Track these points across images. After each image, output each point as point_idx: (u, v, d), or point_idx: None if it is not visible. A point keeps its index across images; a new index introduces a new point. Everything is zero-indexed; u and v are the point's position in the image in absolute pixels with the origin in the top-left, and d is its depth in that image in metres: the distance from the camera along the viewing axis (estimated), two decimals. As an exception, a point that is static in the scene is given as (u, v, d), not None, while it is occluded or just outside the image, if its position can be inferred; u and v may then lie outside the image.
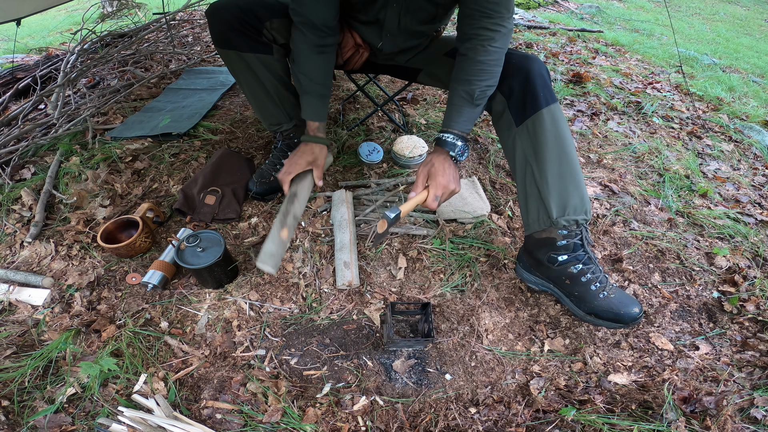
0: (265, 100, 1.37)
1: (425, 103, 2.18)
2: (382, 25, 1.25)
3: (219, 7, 1.20)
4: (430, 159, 1.11)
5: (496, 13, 1.04)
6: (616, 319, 1.11)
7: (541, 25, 3.76)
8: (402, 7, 1.19)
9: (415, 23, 1.24)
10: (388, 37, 1.28)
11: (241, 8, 1.19)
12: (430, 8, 1.19)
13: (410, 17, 1.21)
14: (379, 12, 1.21)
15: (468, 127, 1.13)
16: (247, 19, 1.20)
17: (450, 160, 1.11)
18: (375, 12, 1.21)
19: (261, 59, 1.27)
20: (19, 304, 1.22)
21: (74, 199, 1.51)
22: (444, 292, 1.25)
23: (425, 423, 0.97)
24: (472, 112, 1.12)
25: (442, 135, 1.13)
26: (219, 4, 1.21)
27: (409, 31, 1.26)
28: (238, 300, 1.22)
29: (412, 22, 1.23)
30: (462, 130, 1.12)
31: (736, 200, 1.67)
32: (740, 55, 4.00)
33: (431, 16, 1.22)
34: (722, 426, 0.92)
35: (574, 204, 1.07)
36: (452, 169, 1.10)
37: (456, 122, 1.12)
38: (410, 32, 1.27)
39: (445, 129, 1.13)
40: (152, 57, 2.68)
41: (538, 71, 1.06)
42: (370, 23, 1.26)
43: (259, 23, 1.21)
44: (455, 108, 1.12)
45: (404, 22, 1.23)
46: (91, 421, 0.97)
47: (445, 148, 1.11)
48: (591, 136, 2.00)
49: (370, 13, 1.22)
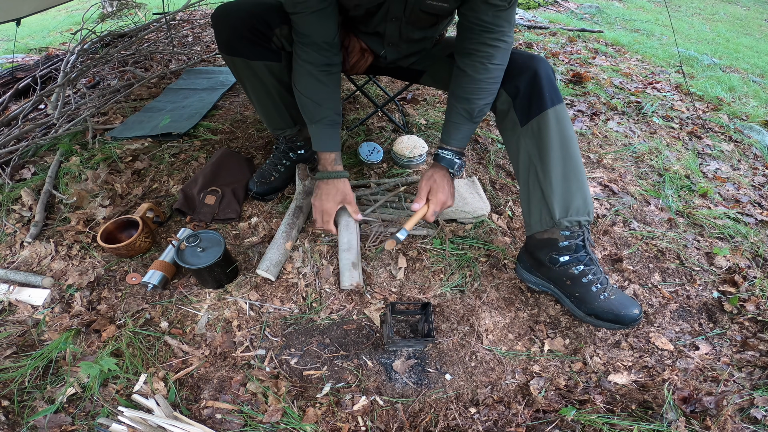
0: (270, 107, 1.35)
1: (425, 103, 2.18)
2: (383, 37, 1.25)
3: (227, 12, 1.15)
4: (431, 174, 1.20)
5: (497, 27, 1.02)
6: (616, 320, 1.11)
7: (541, 25, 3.76)
8: (402, 21, 1.18)
9: (416, 32, 1.23)
10: (391, 47, 1.28)
11: (251, 14, 1.13)
12: (431, 18, 1.18)
13: (411, 27, 1.21)
14: (379, 25, 1.20)
15: (465, 143, 1.22)
16: (257, 25, 1.14)
17: (449, 176, 1.21)
18: (375, 25, 1.21)
19: (268, 66, 1.22)
20: (19, 304, 1.22)
21: (74, 199, 1.51)
22: (444, 292, 1.25)
23: (425, 423, 0.97)
24: (470, 129, 1.20)
25: (441, 152, 1.21)
26: (227, 10, 1.15)
27: (410, 39, 1.25)
28: (238, 300, 1.22)
29: (413, 32, 1.22)
30: (460, 147, 1.21)
31: (736, 200, 1.67)
32: (740, 55, 4.00)
33: (431, 23, 1.22)
34: (722, 426, 0.92)
35: (577, 205, 1.07)
36: (450, 186, 1.21)
37: (455, 139, 1.20)
38: (412, 40, 1.26)
39: (444, 145, 1.21)
40: (152, 57, 2.68)
41: (545, 71, 1.05)
42: (372, 34, 1.26)
43: (269, 30, 1.15)
44: (454, 126, 1.18)
45: (405, 33, 1.22)
46: (91, 421, 0.97)
47: (444, 165, 1.20)
48: (591, 136, 2.00)
49: (370, 26, 1.22)
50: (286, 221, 1.34)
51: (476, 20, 1.03)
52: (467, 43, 1.07)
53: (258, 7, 1.14)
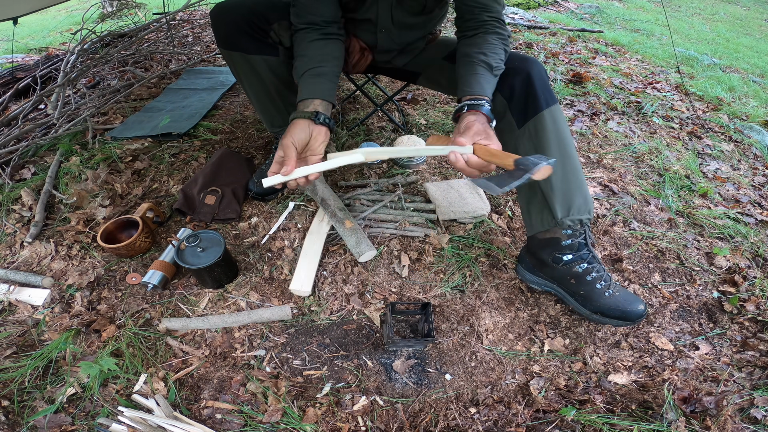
0: (268, 102, 1.36)
1: (425, 103, 2.18)
2: (375, 22, 1.25)
3: (226, 8, 1.17)
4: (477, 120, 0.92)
5: (492, 7, 1.09)
6: (622, 316, 1.11)
7: (541, 25, 3.76)
8: (393, 4, 1.19)
9: (407, 15, 1.23)
10: (383, 32, 1.27)
11: (249, 10, 1.16)
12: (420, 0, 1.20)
13: (401, 10, 1.21)
14: (370, 8, 1.21)
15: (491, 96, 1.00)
16: (255, 20, 1.17)
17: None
18: (366, 8, 1.21)
19: (266, 61, 1.24)
20: (19, 304, 1.22)
21: (74, 199, 1.51)
22: (444, 292, 1.25)
23: (425, 423, 0.97)
24: (493, 82, 1.02)
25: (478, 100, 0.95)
26: (225, 5, 1.18)
27: (402, 24, 1.25)
28: (237, 300, 1.22)
29: (405, 15, 1.23)
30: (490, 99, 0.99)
31: (736, 200, 1.67)
32: (740, 55, 4.00)
33: (421, 6, 1.22)
34: (722, 426, 0.92)
35: (578, 204, 1.07)
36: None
37: (484, 88, 0.98)
38: (404, 25, 1.26)
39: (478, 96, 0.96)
40: (152, 57, 2.68)
41: (538, 73, 1.06)
42: (364, 21, 1.26)
43: (267, 25, 1.18)
44: (480, 76, 0.99)
45: (396, 16, 1.22)
46: (91, 421, 0.97)
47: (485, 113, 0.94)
48: (591, 136, 2.00)
49: (361, 11, 1.22)
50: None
51: (473, 2, 1.09)
52: (472, 23, 1.10)
53: (256, 3, 1.17)
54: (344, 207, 1.38)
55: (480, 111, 0.94)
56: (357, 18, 1.25)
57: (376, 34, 1.28)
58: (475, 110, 0.95)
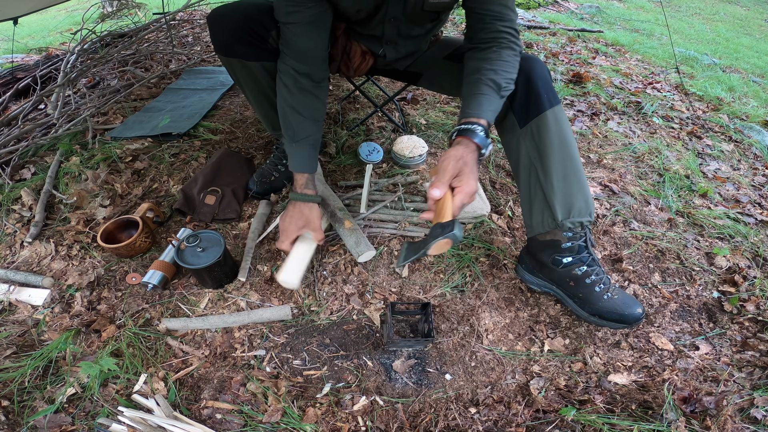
0: (268, 107, 1.34)
1: (425, 103, 2.18)
2: (381, 36, 1.24)
3: (222, 14, 1.15)
4: (460, 154, 0.92)
5: (506, 15, 1.04)
6: (620, 320, 1.11)
7: (541, 25, 3.76)
8: (401, 21, 1.17)
9: (415, 29, 1.23)
10: (389, 45, 1.27)
11: (246, 16, 1.13)
12: (432, 15, 1.18)
13: (410, 26, 1.20)
14: (377, 27, 1.20)
15: (493, 119, 0.99)
16: (253, 27, 1.14)
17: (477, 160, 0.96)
18: (373, 26, 1.20)
19: (265, 67, 1.21)
20: (19, 304, 1.22)
21: (74, 199, 1.51)
22: (444, 292, 1.25)
23: (425, 423, 0.97)
24: (498, 105, 1.00)
25: (470, 125, 0.95)
26: (222, 12, 1.15)
27: (409, 36, 1.25)
28: (237, 300, 1.22)
29: (413, 29, 1.22)
30: (490, 121, 0.98)
31: (736, 200, 1.67)
32: (740, 55, 4.00)
33: (432, 19, 1.21)
34: (722, 426, 0.92)
35: (579, 206, 1.06)
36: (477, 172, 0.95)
37: (485, 111, 0.97)
38: (410, 37, 1.26)
39: (473, 119, 0.95)
40: (152, 57, 2.68)
41: (541, 73, 1.05)
42: (370, 36, 1.25)
43: (265, 31, 1.15)
44: (483, 97, 0.98)
45: (404, 31, 1.22)
46: (91, 421, 0.97)
47: (477, 142, 0.94)
48: (591, 136, 2.00)
49: (368, 28, 1.21)
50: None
51: (485, 10, 1.04)
52: (483, 33, 1.05)
53: (253, 9, 1.14)
54: (344, 207, 1.38)
55: (471, 139, 0.94)
56: (361, 32, 1.24)
57: (381, 46, 1.28)
58: (466, 136, 0.94)
